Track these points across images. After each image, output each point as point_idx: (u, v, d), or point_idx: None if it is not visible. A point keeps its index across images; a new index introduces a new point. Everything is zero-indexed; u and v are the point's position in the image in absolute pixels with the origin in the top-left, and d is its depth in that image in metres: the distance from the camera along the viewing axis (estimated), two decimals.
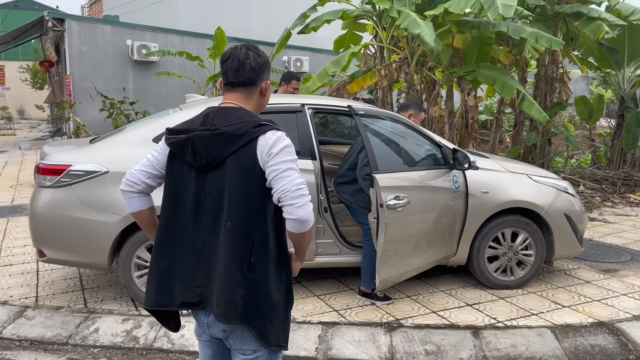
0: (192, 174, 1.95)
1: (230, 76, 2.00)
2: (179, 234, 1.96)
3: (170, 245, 1.97)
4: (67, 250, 4.06)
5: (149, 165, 2.05)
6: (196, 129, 1.93)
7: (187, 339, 3.74)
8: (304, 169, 4.23)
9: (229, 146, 1.89)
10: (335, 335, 3.78)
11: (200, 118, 1.98)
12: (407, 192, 4.00)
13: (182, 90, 15.60)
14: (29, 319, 4.05)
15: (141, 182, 2.04)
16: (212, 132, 1.91)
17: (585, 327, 3.91)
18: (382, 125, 4.43)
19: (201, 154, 1.91)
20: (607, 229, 6.78)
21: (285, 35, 8.81)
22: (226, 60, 2.00)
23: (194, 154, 1.92)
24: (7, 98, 31.28)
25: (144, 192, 2.07)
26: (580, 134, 13.71)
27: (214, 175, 1.93)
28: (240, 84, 2.00)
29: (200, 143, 1.91)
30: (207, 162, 1.91)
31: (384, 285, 4.05)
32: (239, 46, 2.01)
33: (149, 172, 2.04)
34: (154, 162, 2.04)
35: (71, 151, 4.21)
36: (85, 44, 15.15)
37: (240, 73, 1.98)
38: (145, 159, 2.06)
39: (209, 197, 1.93)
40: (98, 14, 20.90)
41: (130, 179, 2.03)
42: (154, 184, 2.08)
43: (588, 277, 4.98)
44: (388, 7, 7.40)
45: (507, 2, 6.23)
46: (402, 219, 3.95)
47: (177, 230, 1.96)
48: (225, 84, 2.02)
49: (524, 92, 7.60)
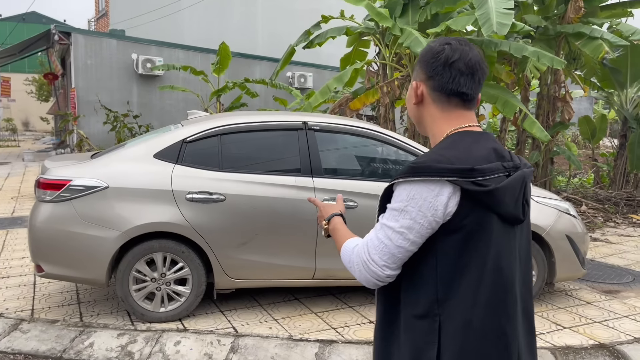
0: (504, 230, 1.41)
1: (476, 89, 1.47)
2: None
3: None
4: (65, 265, 4.04)
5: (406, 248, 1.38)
6: (513, 166, 1.42)
7: (182, 355, 3.70)
8: (305, 187, 4.24)
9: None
10: (332, 354, 3.74)
11: (485, 150, 1.41)
12: (356, 198, 4.24)
13: (186, 105, 15.72)
14: (24, 332, 4.02)
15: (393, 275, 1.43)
16: (528, 169, 1.47)
17: (585, 349, 3.86)
18: (340, 138, 4.68)
19: (527, 200, 1.47)
20: (609, 249, 6.74)
21: (289, 52, 8.88)
22: (478, 63, 1.45)
23: (523, 201, 1.45)
24: (12, 110, 31.47)
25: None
26: (583, 153, 13.70)
27: (522, 228, 1.48)
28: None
29: (526, 186, 1.46)
30: (524, 212, 1.46)
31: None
32: (461, 41, 1.47)
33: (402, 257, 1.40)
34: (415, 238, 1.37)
35: (72, 166, 4.21)
36: (91, 57, 15.29)
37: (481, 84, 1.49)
38: (396, 237, 1.37)
39: (522, 261, 1.48)
40: (104, 28, 21.09)
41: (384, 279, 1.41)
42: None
43: (589, 298, 4.93)
44: (391, 25, 7.45)
45: (502, 21, 6.29)
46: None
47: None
48: (466, 99, 1.46)
49: (526, 110, 7.60)
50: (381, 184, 4.39)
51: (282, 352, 3.75)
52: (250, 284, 4.31)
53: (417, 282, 1.40)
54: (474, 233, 1.35)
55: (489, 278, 1.37)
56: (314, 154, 4.36)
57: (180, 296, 4.17)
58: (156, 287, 4.11)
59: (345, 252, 1.50)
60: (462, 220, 1.34)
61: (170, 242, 4.07)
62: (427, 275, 1.38)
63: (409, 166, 1.36)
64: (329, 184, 4.28)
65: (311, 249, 4.24)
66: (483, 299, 1.37)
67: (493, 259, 1.38)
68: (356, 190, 4.27)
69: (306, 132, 4.42)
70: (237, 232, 4.14)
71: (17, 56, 20.55)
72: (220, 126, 4.34)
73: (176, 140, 4.23)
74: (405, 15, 8.17)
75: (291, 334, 3.99)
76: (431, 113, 1.50)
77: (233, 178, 4.18)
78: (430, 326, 1.38)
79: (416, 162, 1.36)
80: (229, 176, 4.18)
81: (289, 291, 4.87)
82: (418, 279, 1.40)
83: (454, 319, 1.36)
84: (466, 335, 1.36)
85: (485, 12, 6.38)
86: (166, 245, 4.07)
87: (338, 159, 4.75)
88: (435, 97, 1.47)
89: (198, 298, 4.18)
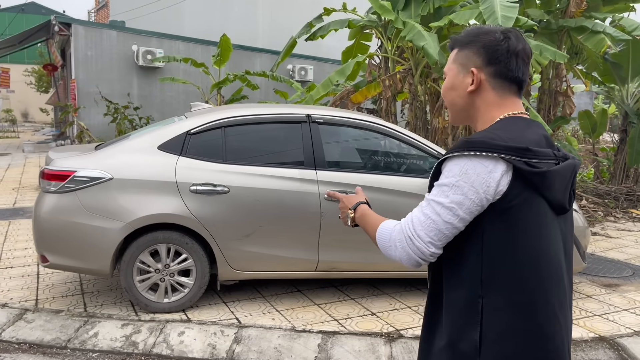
0: (551, 217, 1.40)
1: (526, 74, 1.49)
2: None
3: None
4: (69, 256, 4.06)
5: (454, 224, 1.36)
6: (563, 155, 1.43)
7: (186, 345, 3.73)
8: (309, 179, 4.26)
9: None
10: (335, 345, 3.77)
11: (536, 135, 1.41)
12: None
13: (187, 97, 15.71)
14: (29, 321, 4.05)
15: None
16: (577, 161, 1.48)
17: (586, 341, 3.89)
18: (344, 131, 4.70)
19: (574, 190, 1.49)
20: (609, 243, 6.77)
21: (290, 44, 8.87)
22: (524, 48, 1.46)
23: (570, 190, 1.46)
24: (11, 101, 31.42)
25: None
26: (583, 148, 13.72)
27: (565, 219, 1.47)
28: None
29: (575, 177, 1.48)
30: (570, 201, 1.47)
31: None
32: (517, 31, 1.49)
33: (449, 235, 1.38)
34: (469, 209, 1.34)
35: (76, 157, 4.22)
36: (91, 48, 15.25)
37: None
38: (442, 210, 1.35)
39: (566, 253, 1.46)
40: (104, 19, 21.04)
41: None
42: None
43: (589, 291, 4.96)
44: (393, 18, 7.44)
45: (507, 14, 6.28)
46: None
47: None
48: (522, 86, 1.49)
49: (527, 104, 7.61)
50: (384, 177, 4.41)
51: (285, 343, 3.78)
52: (253, 276, 4.33)
53: (461, 263, 1.38)
54: (523, 214, 1.33)
55: (539, 262, 1.36)
56: (317, 146, 4.38)
57: (183, 287, 4.19)
58: (160, 278, 4.14)
59: (383, 232, 1.45)
60: (512, 201, 1.31)
61: (174, 233, 4.09)
62: (472, 256, 1.36)
63: (463, 140, 1.34)
64: (332, 176, 4.30)
65: (314, 241, 4.26)
66: (534, 283, 1.35)
67: (542, 244, 1.36)
68: (360, 183, 4.28)
69: (310, 125, 4.43)
70: (241, 224, 4.16)
71: (17, 47, 20.50)
72: (224, 118, 4.35)
73: (180, 132, 4.24)
74: (408, 8, 8.17)
75: (294, 325, 4.02)
76: (486, 100, 1.47)
77: (237, 170, 4.20)
78: (473, 308, 1.36)
79: (470, 138, 1.35)
80: (232, 168, 4.20)
81: (291, 283, 4.89)
82: (462, 260, 1.38)
83: (498, 301, 1.34)
84: (513, 316, 1.34)
85: (489, 5, 6.37)
86: (170, 236, 4.09)
87: (341, 151, 4.77)
88: (495, 83, 1.45)
89: (201, 289, 4.21)
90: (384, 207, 4.25)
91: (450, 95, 1.52)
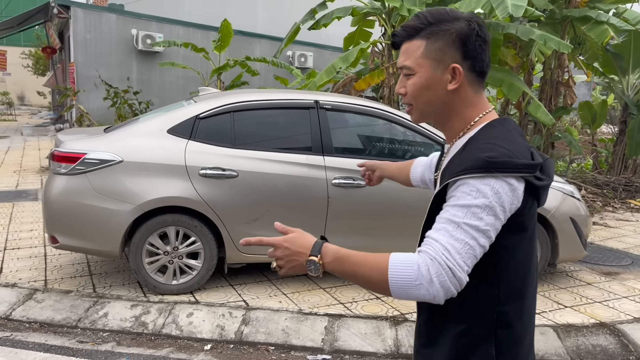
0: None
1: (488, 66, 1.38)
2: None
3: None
4: (79, 237, 4.10)
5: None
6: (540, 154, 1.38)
7: (195, 326, 3.79)
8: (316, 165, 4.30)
9: None
10: (341, 327, 3.84)
11: (521, 139, 1.34)
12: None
13: (186, 82, 15.65)
14: (39, 301, 4.10)
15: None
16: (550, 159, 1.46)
17: (587, 327, 3.97)
18: (351, 118, 4.73)
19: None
20: (608, 233, 6.86)
21: (294, 30, 8.84)
22: (488, 36, 1.35)
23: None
24: (7, 84, 31.21)
25: None
26: (581, 139, 13.80)
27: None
28: None
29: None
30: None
31: None
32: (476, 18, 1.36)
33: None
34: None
35: (86, 139, 4.25)
36: (90, 31, 15.15)
37: None
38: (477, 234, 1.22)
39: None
40: (103, 2, 20.84)
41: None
42: None
43: (590, 279, 5.05)
44: (398, 5, 7.43)
45: (517, 2, 6.27)
46: (350, 198, 4.28)
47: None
48: (485, 79, 1.39)
49: (530, 94, 7.65)
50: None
51: (292, 325, 3.84)
52: (260, 259, 4.38)
53: (475, 284, 1.26)
54: (530, 226, 1.32)
55: (534, 268, 1.37)
56: (325, 132, 4.41)
57: (192, 269, 4.24)
58: (169, 260, 4.19)
59: (404, 269, 1.20)
60: (522, 214, 1.28)
61: (183, 216, 4.14)
62: (489, 274, 1.29)
63: (485, 160, 1.22)
64: (339, 162, 4.34)
65: (321, 227, 4.31)
66: (532, 290, 1.37)
67: (535, 249, 1.38)
68: None
69: (318, 111, 4.46)
70: (249, 208, 4.21)
71: (14, 29, 20.32)
72: (233, 103, 4.38)
73: (190, 116, 4.27)
74: None
75: (301, 307, 4.08)
76: (464, 98, 1.35)
77: (245, 155, 4.23)
78: (489, 326, 1.32)
79: (491, 156, 1.23)
80: (241, 153, 4.23)
81: None
82: (477, 280, 1.27)
83: (511, 314, 1.32)
84: (522, 327, 1.35)
85: None
86: (179, 219, 4.13)
87: (349, 138, 4.80)
88: (471, 78, 1.34)
89: (209, 272, 4.26)
90: (389, 194, 4.31)
91: (426, 96, 1.35)
